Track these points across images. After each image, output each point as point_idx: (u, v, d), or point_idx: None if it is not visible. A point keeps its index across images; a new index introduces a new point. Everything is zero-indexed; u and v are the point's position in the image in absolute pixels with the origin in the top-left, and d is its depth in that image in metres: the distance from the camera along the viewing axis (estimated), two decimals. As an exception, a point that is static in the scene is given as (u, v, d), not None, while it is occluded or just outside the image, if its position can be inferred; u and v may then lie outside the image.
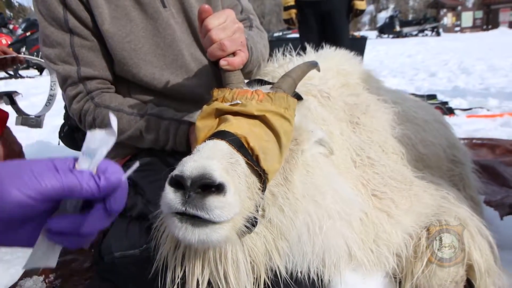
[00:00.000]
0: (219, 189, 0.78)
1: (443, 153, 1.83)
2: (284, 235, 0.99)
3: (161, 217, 1.01)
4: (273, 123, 0.93)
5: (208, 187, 0.77)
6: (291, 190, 1.01)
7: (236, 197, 0.80)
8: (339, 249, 1.23)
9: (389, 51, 15.03)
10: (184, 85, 1.52)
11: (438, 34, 28.28)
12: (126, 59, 1.45)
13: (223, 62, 1.09)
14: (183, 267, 0.96)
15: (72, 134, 3.18)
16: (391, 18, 30.12)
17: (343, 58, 1.89)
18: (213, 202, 0.77)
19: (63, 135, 3.26)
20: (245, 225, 0.87)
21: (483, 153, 3.36)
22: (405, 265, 1.36)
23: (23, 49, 11.96)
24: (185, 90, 1.52)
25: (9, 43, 11.57)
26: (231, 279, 0.94)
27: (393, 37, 28.68)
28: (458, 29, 38.58)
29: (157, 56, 1.49)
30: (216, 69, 1.54)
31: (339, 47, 1.93)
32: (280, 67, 1.59)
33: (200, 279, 0.96)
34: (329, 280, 1.23)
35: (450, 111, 4.72)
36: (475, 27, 37.81)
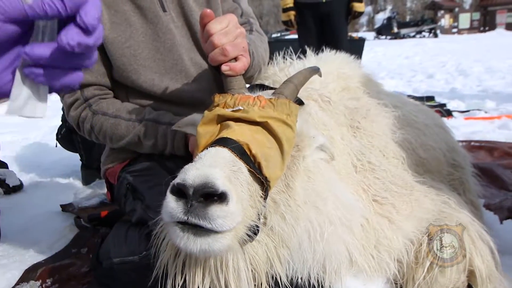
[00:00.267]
0: (221, 198, 0.77)
1: (443, 157, 1.83)
2: (285, 242, 0.98)
3: (161, 224, 1.00)
4: (275, 129, 0.92)
5: (210, 196, 0.76)
6: (293, 197, 1.00)
7: (238, 206, 0.79)
8: (340, 255, 1.22)
9: (387, 52, 15.06)
10: (183, 90, 1.51)
11: (435, 35, 28.35)
12: (125, 65, 1.44)
13: (225, 67, 1.07)
14: (183, 275, 0.95)
15: (70, 136, 3.16)
16: (389, 19, 30.18)
17: (343, 61, 1.89)
18: (216, 211, 0.76)
19: (61, 137, 3.24)
20: (247, 233, 0.86)
21: (481, 155, 3.35)
22: (406, 271, 1.35)
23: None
24: (184, 95, 1.51)
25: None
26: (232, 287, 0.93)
27: (390, 38, 28.73)
28: (455, 30, 38.69)
29: (157, 61, 1.48)
30: (216, 73, 1.54)
31: (337, 49, 1.93)
32: (281, 70, 1.58)
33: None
34: (329, 286, 1.22)
35: (448, 113, 4.73)
36: (472, 29, 37.92)
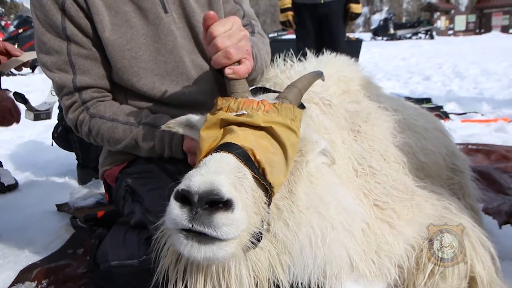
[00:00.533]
0: (227, 205, 0.75)
1: (443, 162, 1.83)
2: (288, 249, 0.97)
3: (162, 229, 0.98)
4: (280, 135, 0.91)
5: (215, 203, 0.75)
6: (295, 202, 0.99)
7: (243, 213, 0.78)
8: (340, 260, 1.21)
9: (383, 53, 15.08)
10: (184, 92, 1.49)
11: (431, 37, 28.40)
12: (126, 67, 1.42)
13: (228, 70, 1.06)
14: (184, 281, 0.93)
15: (66, 135, 3.13)
16: (385, 20, 30.18)
17: (343, 64, 1.88)
18: (221, 219, 0.75)
19: (57, 135, 3.21)
20: (250, 240, 0.85)
21: (479, 159, 3.36)
22: (406, 277, 1.35)
23: (16, 46, 11.78)
24: (185, 97, 1.49)
25: (1, 40, 11.38)
26: (234, 294, 0.92)
27: (387, 39, 28.76)
28: (451, 32, 38.85)
29: (158, 63, 1.46)
30: (217, 75, 1.52)
31: (335, 50, 1.92)
32: (282, 73, 1.57)
33: (202, 294, 0.93)
34: (329, 291, 1.21)
35: (445, 115, 4.74)
36: (468, 31, 38.09)
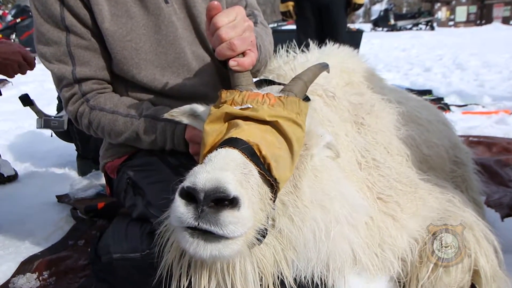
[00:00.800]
0: (233, 203, 0.74)
1: (446, 154, 1.81)
2: (293, 245, 0.96)
3: (165, 224, 0.97)
4: (286, 129, 0.89)
5: (221, 200, 0.74)
6: (300, 197, 0.98)
7: (250, 210, 0.76)
8: (344, 254, 1.20)
9: (383, 44, 14.99)
10: (185, 84, 1.47)
11: (432, 28, 28.22)
12: (126, 58, 1.40)
13: (232, 62, 1.03)
14: (188, 277, 0.92)
15: (65, 126, 3.11)
16: (386, 11, 29.98)
17: (346, 55, 1.86)
18: (227, 217, 0.74)
19: (56, 127, 3.18)
20: (256, 237, 0.84)
21: (480, 151, 3.35)
22: (410, 270, 1.34)
23: (13, 36, 11.67)
24: (186, 89, 1.47)
25: (-1, 29, 11.27)
26: (238, 290, 0.91)
27: (387, 30, 28.60)
28: (452, 23, 38.61)
29: (159, 54, 1.43)
30: (219, 67, 1.50)
31: (336, 41, 1.90)
32: (285, 64, 1.55)
33: (206, 290, 0.92)
34: (333, 284, 1.20)
35: (446, 107, 4.73)
36: (469, 22, 37.86)
